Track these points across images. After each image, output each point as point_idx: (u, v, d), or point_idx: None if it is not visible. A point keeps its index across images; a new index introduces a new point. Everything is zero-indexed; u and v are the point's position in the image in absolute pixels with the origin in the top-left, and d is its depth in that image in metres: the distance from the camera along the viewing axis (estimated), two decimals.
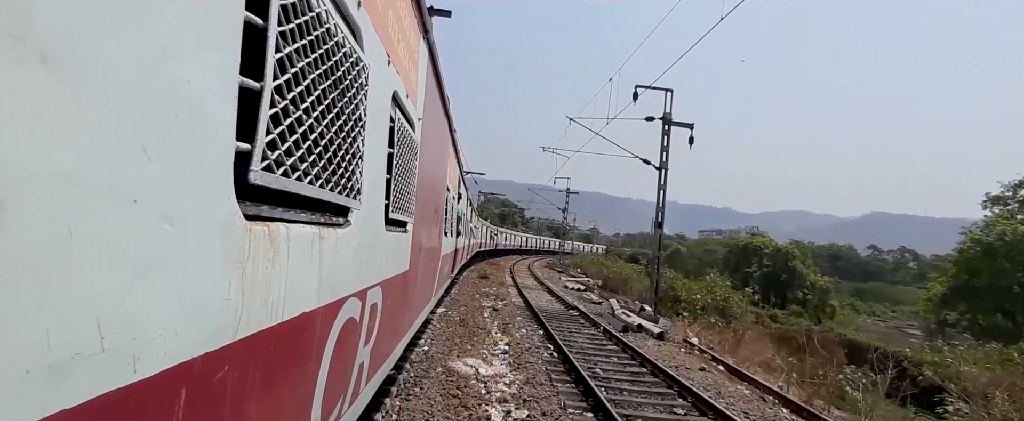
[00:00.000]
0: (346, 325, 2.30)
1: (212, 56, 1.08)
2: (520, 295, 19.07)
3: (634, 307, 19.03)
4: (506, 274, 29.55)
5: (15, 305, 0.67)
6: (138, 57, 0.86)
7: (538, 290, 22.55)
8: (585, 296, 22.08)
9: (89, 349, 0.78)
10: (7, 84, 0.64)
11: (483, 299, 16.96)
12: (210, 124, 1.09)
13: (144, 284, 0.90)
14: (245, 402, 1.34)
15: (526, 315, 14.53)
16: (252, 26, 1.26)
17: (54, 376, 0.72)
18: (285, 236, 1.50)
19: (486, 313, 14.00)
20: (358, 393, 2.88)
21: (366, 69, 2.20)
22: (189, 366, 1.06)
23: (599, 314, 15.71)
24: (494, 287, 21.51)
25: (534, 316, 14.05)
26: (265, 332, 1.41)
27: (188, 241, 1.03)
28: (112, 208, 0.82)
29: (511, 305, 16.22)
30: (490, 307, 15.26)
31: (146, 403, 0.93)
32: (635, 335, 12.78)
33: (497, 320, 13.01)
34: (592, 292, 24.68)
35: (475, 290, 19.39)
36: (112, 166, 0.82)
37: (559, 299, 19.17)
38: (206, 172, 1.08)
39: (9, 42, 0.63)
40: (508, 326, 12.32)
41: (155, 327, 0.94)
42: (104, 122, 0.79)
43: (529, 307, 15.75)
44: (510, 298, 17.97)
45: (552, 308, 16.72)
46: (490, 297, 17.62)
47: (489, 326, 12.09)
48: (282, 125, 1.42)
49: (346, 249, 2.17)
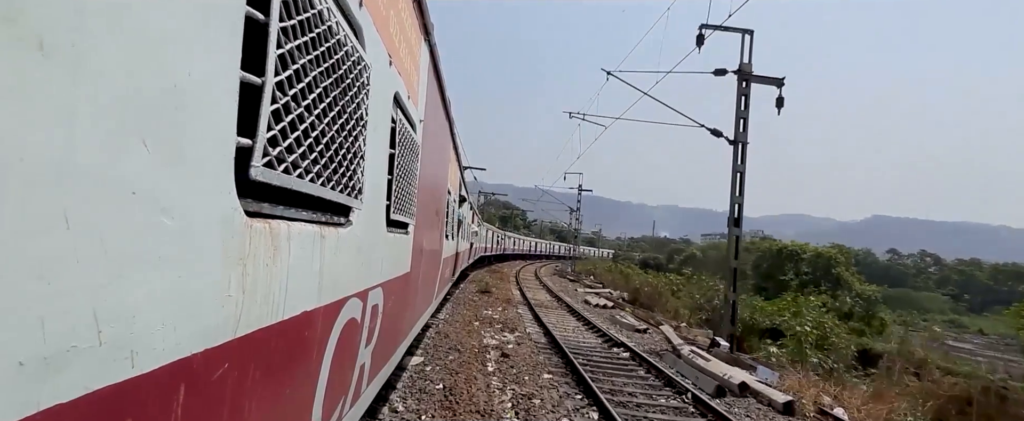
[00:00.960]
0: (347, 326, 2.28)
1: (213, 49, 1.07)
2: (535, 319, 14.17)
3: (697, 338, 14.11)
4: (511, 285, 24.74)
5: (9, 294, 0.65)
6: (138, 47, 0.85)
7: (557, 309, 17.32)
8: (619, 318, 16.22)
9: (86, 342, 0.77)
10: (3, 68, 0.63)
11: (485, 329, 11.77)
12: (211, 118, 1.08)
13: (143, 277, 0.89)
14: (245, 400, 1.33)
15: (553, 360, 9.41)
16: (253, 21, 1.25)
17: (49, 369, 0.71)
18: (286, 234, 1.49)
19: (490, 363, 8.68)
20: (359, 395, 2.86)
21: (368, 69, 2.20)
22: (188, 362, 1.04)
23: (656, 352, 10.90)
24: (499, 306, 16.13)
25: (566, 363, 9.13)
26: (266, 330, 1.40)
27: (188, 235, 1.01)
28: (110, 199, 0.81)
29: (527, 340, 10.97)
30: (495, 346, 9.98)
31: (144, 399, 0.92)
32: (742, 404, 7.85)
33: (510, 380, 7.78)
34: (623, 311, 18.69)
35: (474, 313, 13.91)
36: (111, 156, 0.80)
37: (589, 325, 13.90)
38: (207, 166, 1.07)
39: (3, 25, 0.62)
40: (532, 402, 6.77)
41: (154, 321, 0.93)
42: (103, 111, 0.78)
43: (554, 344, 10.64)
44: (522, 325, 12.83)
45: (587, 343, 11.43)
46: (495, 326, 12.28)
47: (496, 402, 6.67)
48: (283, 121, 1.41)
49: (347, 249, 2.15)
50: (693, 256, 76.06)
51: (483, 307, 15.62)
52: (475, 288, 20.19)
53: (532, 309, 16.13)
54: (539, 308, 16.47)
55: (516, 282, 26.70)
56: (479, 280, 23.74)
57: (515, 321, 13.36)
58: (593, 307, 19.01)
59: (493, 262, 43.11)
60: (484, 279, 24.44)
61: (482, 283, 21.77)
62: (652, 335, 13.88)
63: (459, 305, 15.26)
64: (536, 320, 13.93)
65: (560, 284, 29.66)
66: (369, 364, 2.98)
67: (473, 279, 24.52)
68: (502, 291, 20.80)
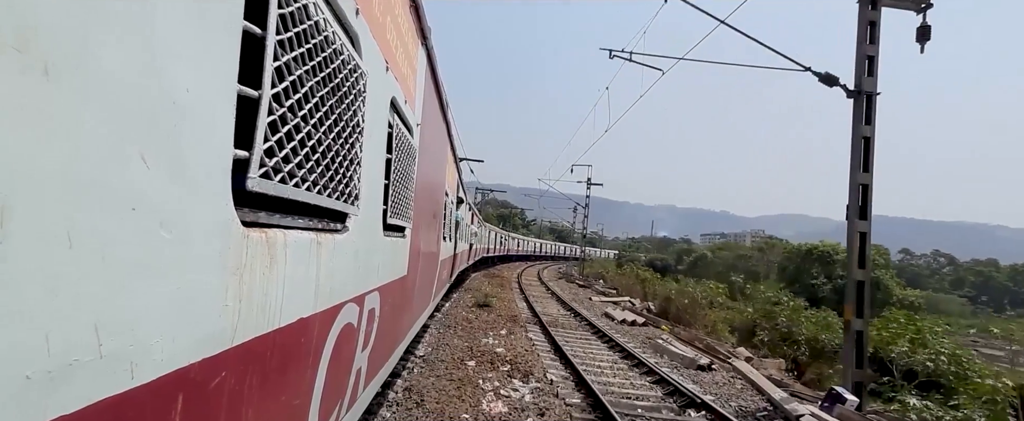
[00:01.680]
0: (344, 331, 2.31)
1: (211, 65, 1.10)
2: (554, 349, 10.47)
3: (772, 372, 11.08)
4: (514, 294, 20.93)
5: (17, 309, 0.68)
6: (137, 66, 0.87)
7: (577, 329, 13.44)
8: (662, 343, 11.89)
9: (88, 355, 0.79)
10: (12, 94, 0.65)
11: (485, 375, 7.95)
12: (208, 132, 1.10)
13: (142, 290, 0.92)
14: (242, 408, 1.35)
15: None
16: (250, 35, 1.27)
17: (54, 381, 0.73)
18: (283, 242, 1.51)
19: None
20: (356, 398, 2.88)
21: (364, 76, 2.22)
22: (187, 372, 1.07)
23: (751, 413, 7.57)
24: (502, 326, 12.35)
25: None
26: (263, 338, 1.42)
27: (186, 247, 1.04)
28: (111, 215, 0.83)
29: (551, 397, 7.22)
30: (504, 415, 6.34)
31: (144, 409, 0.94)
32: None
33: None
34: (662, 330, 14.68)
35: (470, 342, 10.15)
36: (111, 173, 0.83)
37: (630, 358, 10.23)
38: (204, 179, 1.10)
39: (13, 54, 0.64)
40: None
41: (153, 333, 0.95)
42: (104, 130, 0.81)
43: (594, 402, 7.02)
44: (539, 363, 9.02)
45: (641, 397, 7.74)
46: (500, 368, 8.44)
47: None
48: (280, 132, 1.44)
49: (344, 255, 2.18)
50: (703, 257, 71.00)
51: (481, 329, 11.62)
52: (471, 300, 16.39)
53: (546, 331, 12.31)
54: (554, 329, 12.76)
55: (519, 289, 23.18)
56: (476, 289, 19.74)
57: (528, 356, 9.38)
58: (620, 324, 15.19)
59: (496, 263, 41.20)
60: (482, 288, 20.39)
61: (479, 293, 17.96)
62: (721, 372, 10.03)
63: (449, 328, 11.41)
64: (556, 351, 10.24)
65: (569, 291, 25.52)
66: (366, 368, 3.00)
67: (469, 287, 20.96)
68: (504, 303, 16.87)
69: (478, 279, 25.50)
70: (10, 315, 0.67)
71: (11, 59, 0.64)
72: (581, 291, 27.12)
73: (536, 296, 21.06)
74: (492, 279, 26.37)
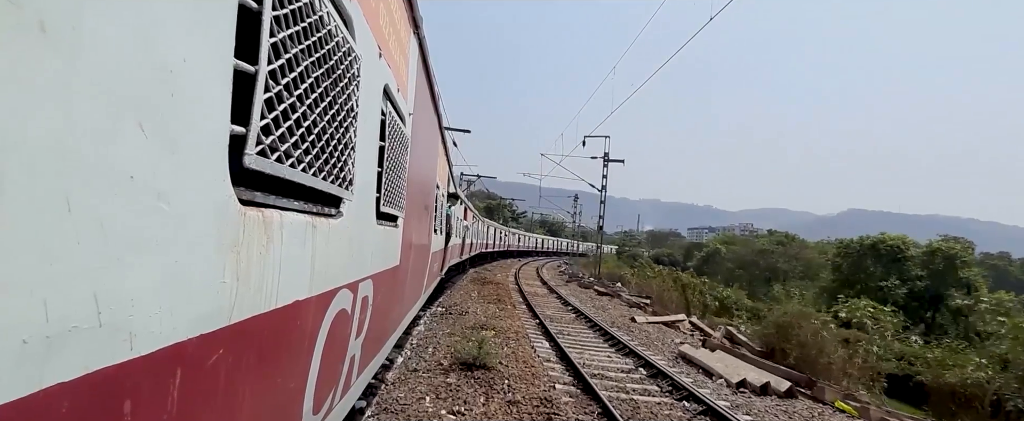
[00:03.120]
0: (338, 317, 2.29)
1: (207, 37, 1.08)
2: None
3: None
4: (521, 312, 13.78)
5: (14, 275, 0.66)
6: (134, 33, 0.85)
7: (636, 383, 7.90)
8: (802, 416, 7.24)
9: (86, 323, 0.78)
10: (6, 51, 0.63)
11: None
12: (205, 104, 1.09)
13: (140, 261, 0.90)
14: (239, 387, 1.34)
15: None
16: (246, 8, 1.25)
17: (52, 348, 0.72)
18: (279, 223, 1.50)
19: None
20: (349, 386, 2.87)
21: (358, 60, 2.20)
22: (184, 347, 1.05)
23: None
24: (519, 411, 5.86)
25: None
26: (259, 318, 1.41)
27: (183, 221, 1.02)
28: (108, 183, 0.82)
29: None
30: None
31: (142, 381, 0.93)
32: None
33: None
34: (842, 410, 8.04)
35: None
36: (108, 141, 0.81)
37: None
38: (201, 153, 1.08)
39: (7, 6, 0.63)
40: None
41: (151, 305, 0.94)
42: (100, 96, 0.79)
43: None
44: None
45: None
46: None
47: None
48: (276, 111, 1.42)
49: (338, 240, 2.16)
50: (716, 253, 60.67)
51: (471, 390, 6.49)
52: (471, 321, 10.95)
53: (586, 386, 7.16)
54: (594, 377, 7.71)
55: (524, 302, 16.03)
56: (461, 309, 12.69)
57: None
58: (739, 391, 8.30)
59: (497, 258, 39.85)
60: (471, 306, 13.32)
61: (481, 315, 12.06)
62: None
63: (423, 382, 6.59)
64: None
65: (591, 303, 18.21)
66: (359, 356, 2.99)
67: (455, 304, 13.46)
68: (508, 321, 11.59)
69: (462, 289, 17.26)
70: (7, 279, 0.66)
71: (6, 11, 0.63)
72: (607, 302, 19.25)
73: (553, 316, 13.93)
74: (483, 287, 18.58)
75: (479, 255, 29.22)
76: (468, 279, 21.54)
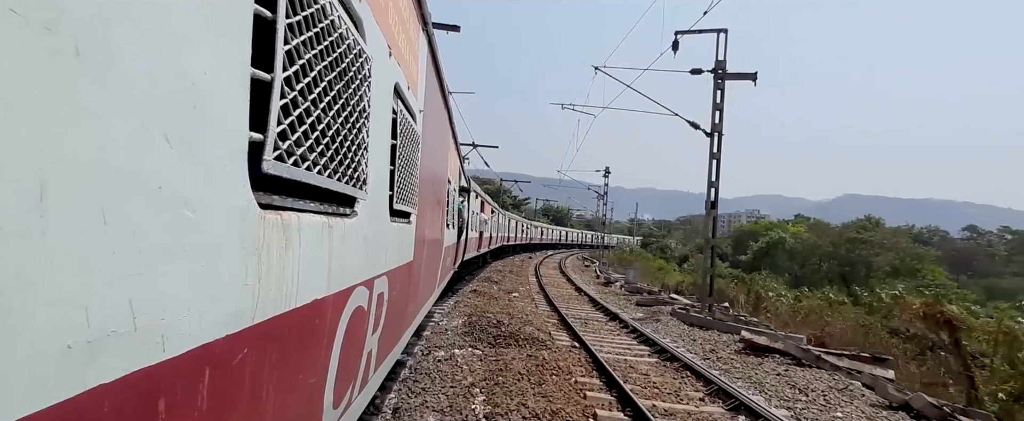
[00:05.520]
0: (355, 314, 2.35)
1: (226, 48, 1.12)
2: None
3: None
4: (559, 329, 10.49)
5: (60, 285, 0.71)
6: (158, 49, 0.89)
7: None
8: None
9: (123, 327, 0.83)
10: (45, 73, 0.67)
11: None
12: (226, 114, 1.13)
13: (170, 267, 0.95)
14: (263, 384, 1.39)
15: None
16: (261, 18, 1.29)
17: (93, 352, 0.77)
18: (297, 225, 1.54)
19: None
20: (367, 381, 2.94)
21: (369, 60, 2.23)
22: (212, 347, 1.10)
23: None
24: None
25: None
26: (280, 317, 1.46)
27: (208, 227, 1.07)
28: (140, 194, 0.86)
29: None
30: None
31: (175, 381, 0.98)
32: None
33: None
34: None
35: None
36: (138, 154, 0.85)
37: None
38: (223, 161, 1.12)
39: (44, 33, 0.67)
40: None
41: (181, 308, 0.98)
42: (129, 111, 0.83)
43: None
44: None
45: None
46: None
47: None
48: (292, 116, 1.46)
49: (354, 239, 2.21)
50: (780, 243, 46.58)
51: None
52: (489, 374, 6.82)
53: None
54: None
55: (561, 320, 11.45)
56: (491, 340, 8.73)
57: None
58: None
59: (519, 251, 39.78)
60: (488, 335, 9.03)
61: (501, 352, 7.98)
62: None
63: None
64: None
65: (623, 309, 14.37)
66: (376, 351, 3.05)
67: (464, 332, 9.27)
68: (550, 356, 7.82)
69: (484, 300, 13.05)
70: (50, 289, 0.70)
71: (43, 39, 0.67)
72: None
73: (591, 332, 10.42)
74: (489, 299, 13.48)
75: (501, 248, 29.15)
76: (469, 283, 16.79)
